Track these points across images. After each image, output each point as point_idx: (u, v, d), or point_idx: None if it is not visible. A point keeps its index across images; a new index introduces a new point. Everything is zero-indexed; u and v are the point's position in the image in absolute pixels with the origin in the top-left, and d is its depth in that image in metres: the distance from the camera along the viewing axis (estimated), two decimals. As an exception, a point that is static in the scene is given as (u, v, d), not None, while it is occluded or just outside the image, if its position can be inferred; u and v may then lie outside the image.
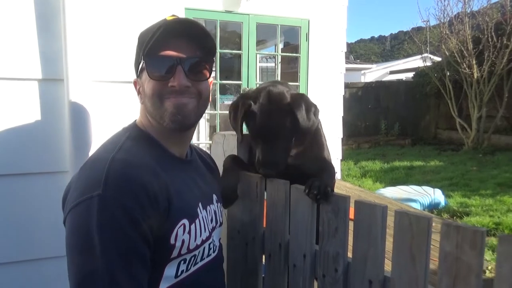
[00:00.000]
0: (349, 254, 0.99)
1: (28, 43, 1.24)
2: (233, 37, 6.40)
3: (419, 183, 6.03)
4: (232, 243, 1.31)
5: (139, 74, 0.99)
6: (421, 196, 5.10)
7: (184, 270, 0.93)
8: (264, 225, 1.23)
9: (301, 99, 1.19)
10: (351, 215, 0.97)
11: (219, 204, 1.11)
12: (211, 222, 1.03)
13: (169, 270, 0.90)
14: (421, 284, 0.84)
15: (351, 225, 0.98)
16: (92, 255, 0.76)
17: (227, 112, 1.27)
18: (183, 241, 0.90)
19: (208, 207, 1.03)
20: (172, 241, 0.88)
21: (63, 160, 1.29)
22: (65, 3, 1.20)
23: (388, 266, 0.90)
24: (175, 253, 0.89)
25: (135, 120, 1.03)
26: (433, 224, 0.90)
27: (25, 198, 1.32)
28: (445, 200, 5.20)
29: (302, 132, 1.16)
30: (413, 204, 4.77)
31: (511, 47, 8.06)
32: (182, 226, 0.90)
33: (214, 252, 1.04)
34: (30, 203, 1.33)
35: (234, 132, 1.32)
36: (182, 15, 1.41)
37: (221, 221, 1.11)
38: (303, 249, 1.09)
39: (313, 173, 1.09)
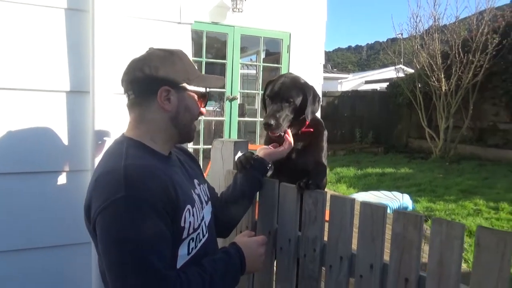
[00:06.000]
0: (325, 237, 1.26)
1: (59, 59, 1.47)
2: (218, 45, 6.64)
3: (390, 188, 6.41)
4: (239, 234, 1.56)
5: (177, 87, 1.13)
6: (391, 200, 5.47)
7: (194, 247, 1.12)
8: (256, 217, 1.49)
9: (312, 87, 1.58)
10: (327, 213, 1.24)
11: (201, 186, 1.26)
12: (201, 204, 1.19)
13: (182, 250, 1.08)
14: (378, 257, 1.12)
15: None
16: (128, 245, 0.93)
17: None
18: (190, 222, 1.08)
19: (194, 191, 1.18)
20: (182, 223, 1.05)
21: (85, 160, 1.52)
22: (95, 28, 1.44)
23: (354, 245, 1.17)
24: (185, 234, 1.07)
25: (123, 134, 1.16)
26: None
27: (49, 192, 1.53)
28: (412, 204, 5.59)
29: (306, 114, 1.51)
30: (387, 208, 5.11)
31: (476, 63, 8.64)
32: (188, 210, 1.08)
33: (207, 228, 1.22)
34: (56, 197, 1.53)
35: (232, 140, 1.58)
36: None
37: (206, 201, 1.25)
38: (289, 235, 1.35)
39: (309, 171, 1.41)
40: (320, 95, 5.94)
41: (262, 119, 6.31)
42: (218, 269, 1.09)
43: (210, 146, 1.93)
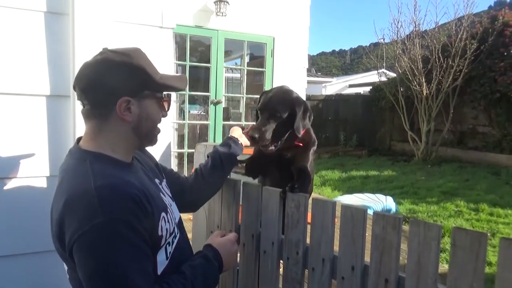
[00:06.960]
0: (308, 240, 1.27)
1: (38, 62, 1.45)
2: (202, 48, 6.64)
3: (374, 191, 6.49)
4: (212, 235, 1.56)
5: (138, 95, 1.05)
6: (375, 203, 5.54)
7: (171, 251, 1.13)
8: (240, 221, 1.49)
9: (303, 102, 1.55)
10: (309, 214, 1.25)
11: (163, 183, 1.23)
12: (170, 204, 1.18)
13: (160, 256, 1.07)
14: (359, 259, 1.13)
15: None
16: (111, 270, 0.91)
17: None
18: (166, 229, 1.08)
19: (162, 193, 1.16)
20: (159, 233, 1.05)
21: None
22: (75, 32, 1.43)
23: (336, 247, 1.19)
24: (162, 241, 1.07)
25: (80, 147, 1.06)
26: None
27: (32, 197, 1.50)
28: (396, 206, 5.67)
29: (295, 129, 1.48)
30: (367, 210, 5.18)
31: (455, 68, 8.86)
32: (163, 218, 1.07)
33: (177, 228, 1.21)
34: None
35: (215, 143, 1.58)
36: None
37: (171, 197, 1.23)
38: (272, 238, 1.36)
39: (294, 176, 1.44)
40: (304, 99, 6.02)
41: (247, 123, 6.17)
42: (198, 274, 1.10)
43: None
